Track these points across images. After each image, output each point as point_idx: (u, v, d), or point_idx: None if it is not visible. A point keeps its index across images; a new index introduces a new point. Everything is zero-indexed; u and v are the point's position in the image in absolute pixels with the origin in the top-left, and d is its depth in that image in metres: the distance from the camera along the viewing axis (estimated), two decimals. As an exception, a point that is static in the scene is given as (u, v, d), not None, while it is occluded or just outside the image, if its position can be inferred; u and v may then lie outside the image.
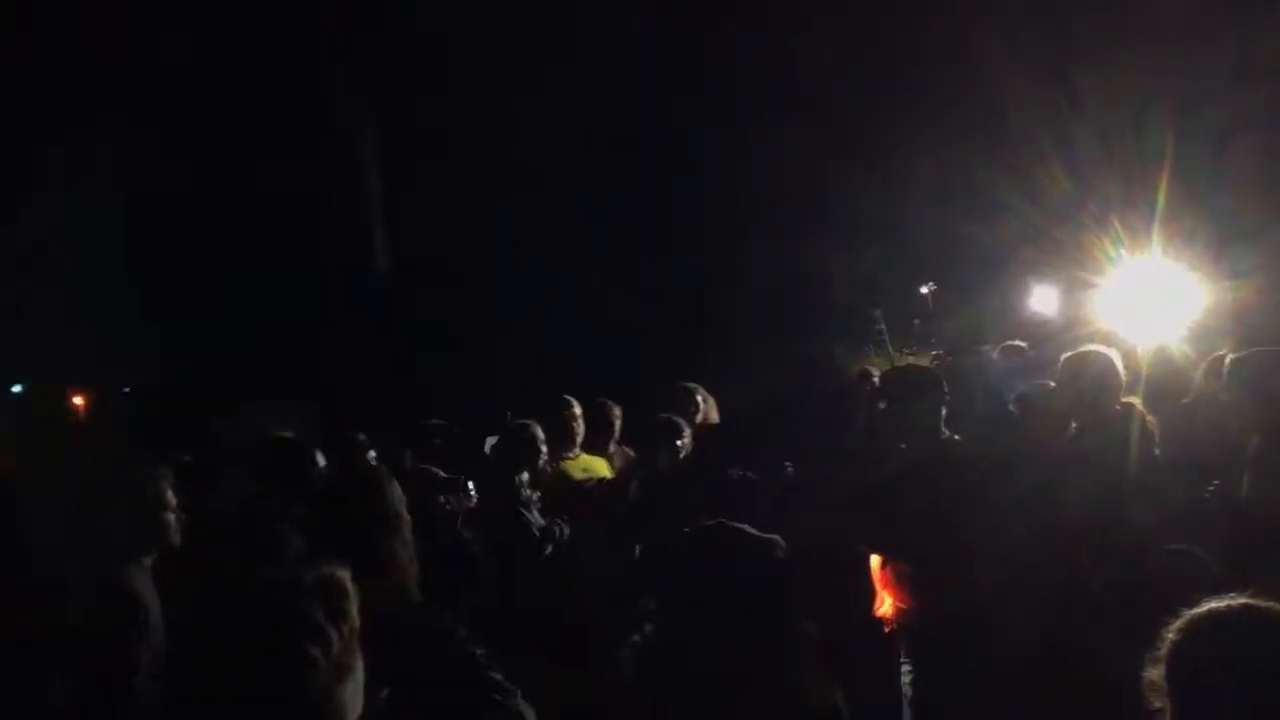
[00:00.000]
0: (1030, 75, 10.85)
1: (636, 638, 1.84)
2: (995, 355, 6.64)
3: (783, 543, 1.85)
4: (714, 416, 5.63)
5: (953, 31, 11.57)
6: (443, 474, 4.67)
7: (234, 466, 4.80)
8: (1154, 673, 1.56)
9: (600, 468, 5.22)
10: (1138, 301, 6.01)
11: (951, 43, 11.63)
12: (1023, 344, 6.77)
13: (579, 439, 5.22)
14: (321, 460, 4.44)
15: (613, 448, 5.51)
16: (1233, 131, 8.25)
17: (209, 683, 1.15)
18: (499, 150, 12.20)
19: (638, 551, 4.18)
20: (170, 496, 3.25)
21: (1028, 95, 10.79)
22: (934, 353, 9.61)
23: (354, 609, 1.23)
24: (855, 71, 12.50)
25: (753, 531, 1.85)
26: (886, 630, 3.93)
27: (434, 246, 12.06)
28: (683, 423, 5.09)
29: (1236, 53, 8.78)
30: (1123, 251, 7.08)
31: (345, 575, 1.26)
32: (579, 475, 5.12)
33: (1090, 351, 3.83)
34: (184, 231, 12.36)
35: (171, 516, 3.22)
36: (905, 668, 3.85)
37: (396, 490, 2.66)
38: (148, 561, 3.18)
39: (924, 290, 15.73)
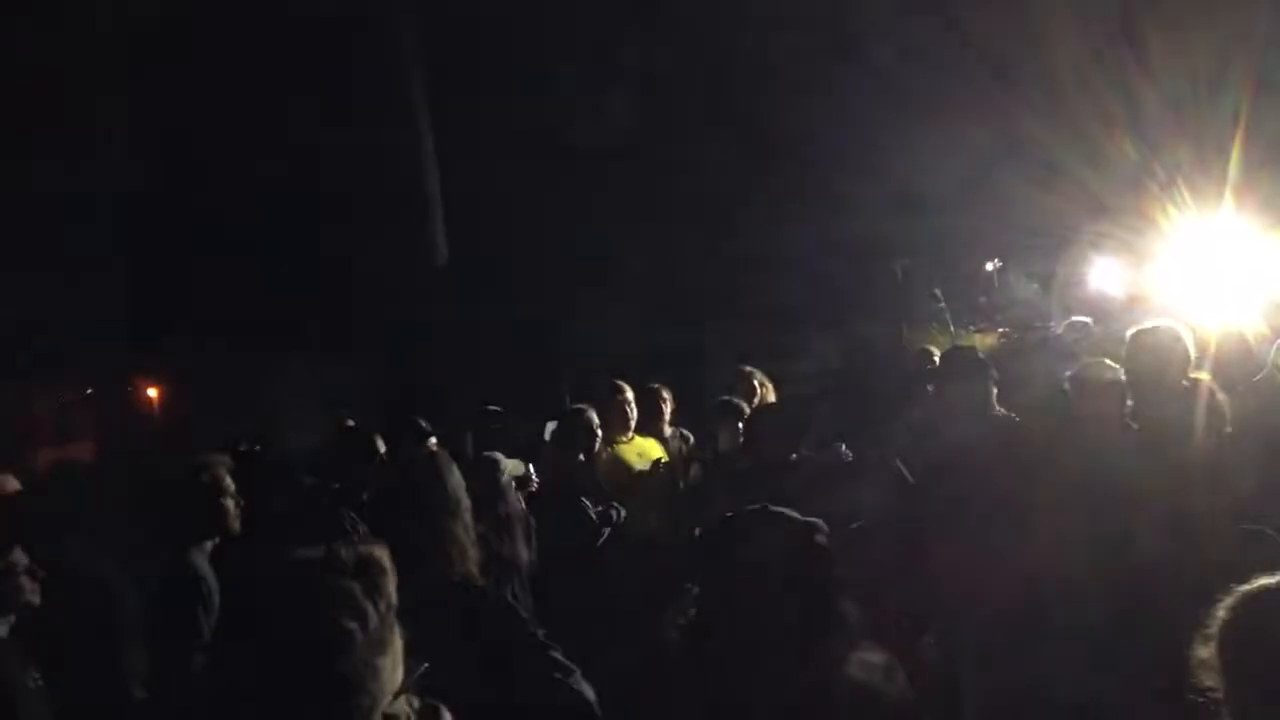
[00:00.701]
0: (1095, 37, 10.49)
1: (681, 621, 1.87)
2: (1059, 332, 6.52)
3: (825, 526, 1.87)
4: (772, 399, 5.65)
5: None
6: (504, 459, 4.77)
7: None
8: (1205, 650, 1.54)
9: (654, 450, 5.28)
10: (1206, 276, 5.84)
11: (1014, 5, 11.28)
12: (1087, 320, 6.63)
13: (632, 423, 5.29)
14: (382, 447, 4.57)
15: (668, 431, 5.56)
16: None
17: (250, 656, 1.22)
18: (547, 136, 12.24)
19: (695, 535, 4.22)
20: (229, 483, 3.38)
21: (1092, 58, 10.43)
22: (1000, 330, 9.44)
23: (391, 586, 1.29)
24: (916, 36, 12.19)
25: (795, 515, 1.87)
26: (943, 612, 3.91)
27: (490, 235, 12.18)
28: (743, 404, 5.13)
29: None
30: (1191, 222, 6.86)
31: (384, 553, 1.31)
32: (634, 459, 5.19)
33: (1156, 327, 3.75)
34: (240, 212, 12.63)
35: (231, 503, 3.35)
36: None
37: (457, 476, 2.74)
38: (209, 545, 3.31)
39: (989, 267, 15.44)
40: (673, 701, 1.83)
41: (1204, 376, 3.66)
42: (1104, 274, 10.93)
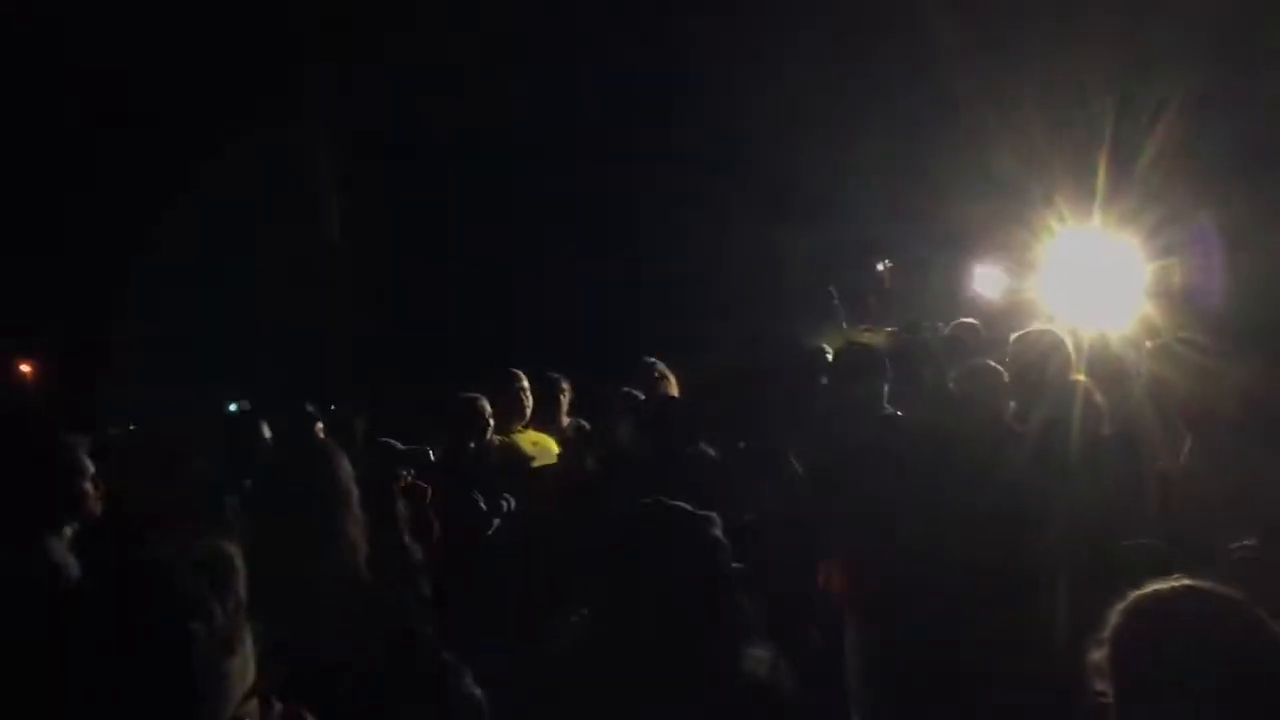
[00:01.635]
0: (978, 53, 10.96)
1: (575, 618, 1.84)
2: (946, 333, 6.74)
3: (718, 519, 1.86)
4: (673, 392, 5.66)
5: (902, 10, 11.64)
6: (400, 446, 4.65)
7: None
8: (1097, 655, 1.55)
9: (549, 444, 5.23)
10: (1080, 282, 6.13)
11: (900, 22, 11.70)
12: (974, 322, 6.88)
13: (528, 412, 5.22)
14: (268, 433, 4.39)
15: (565, 421, 5.52)
16: (1168, 111, 8.41)
17: (89, 653, 1.14)
18: (463, 128, 12.02)
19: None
20: (87, 465, 3.18)
21: (976, 73, 10.90)
22: (889, 329, 9.72)
23: (241, 584, 1.22)
24: (807, 52, 12.52)
25: (688, 509, 1.85)
26: (836, 604, 3.98)
27: (390, 217, 11.87)
28: (642, 396, 5.12)
29: (1174, 32, 8.95)
30: (1066, 231, 7.21)
31: (234, 549, 1.25)
32: (528, 449, 5.12)
33: (1039, 330, 3.92)
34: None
35: (88, 486, 3.15)
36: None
37: (345, 465, 2.63)
38: (68, 532, 3.11)
39: (880, 267, 15.87)
40: (566, 702, 1.80)
41: (1082, 378, 3.84)
42: (986, 279, 11.39)
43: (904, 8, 11.52)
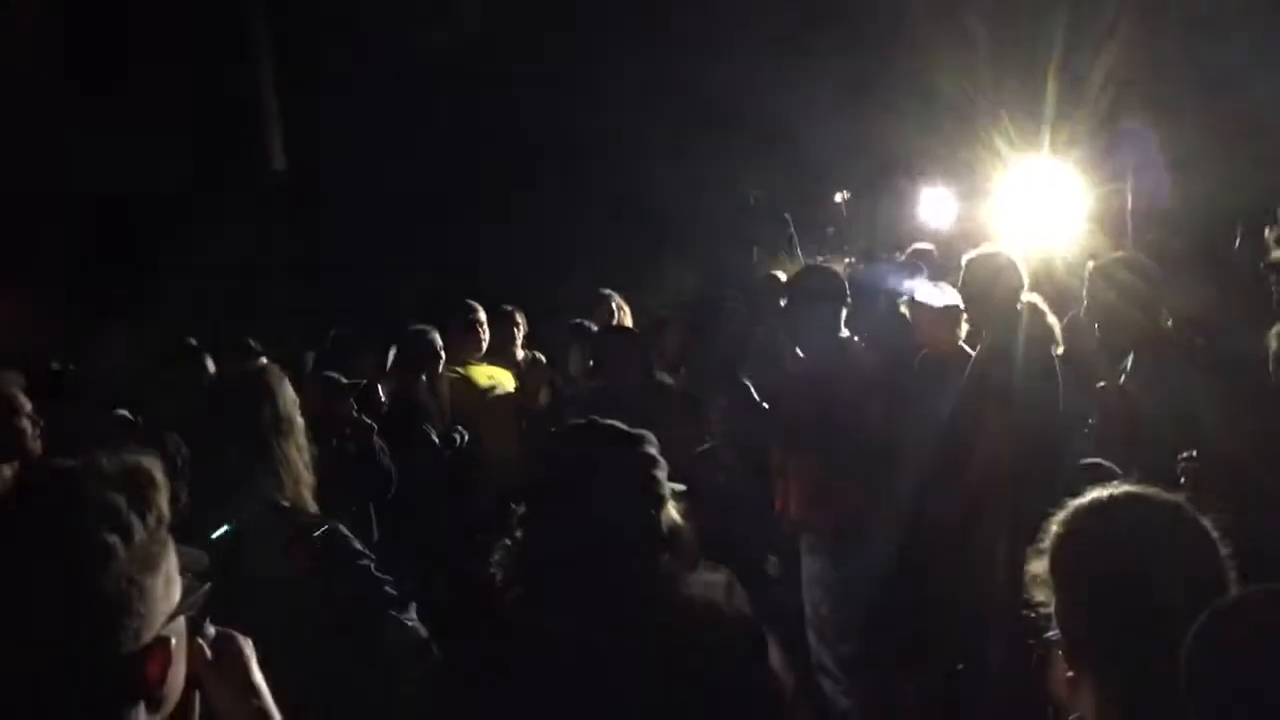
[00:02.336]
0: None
1: (508, 541, 1.80)
2: (902, 259, 6.76)
3: (653, 437, 1.83)
4: (628, 323, 5.64)
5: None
6: (344, 380, 4.58)
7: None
8: (1037, 565, 1.54)
9: (504, 376, 5.19)
10: (1028, 207, 6.15)
11: None
12: (930, 247, 6.91)
13: (484, 345, 5.17)
14: (212, 366, 4.30)
15: (521, 354, 5.48)
16: (1116, 33, 8.40)
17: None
18: (405, 53, 11.64)
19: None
20: (24, 402, 3.10)
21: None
22: (846, 259, 9.74)
23: (163, 499, 1.18)
24: None
25: (621, 425, 1.83)
26: (790, 529, 4.04)
27: (337, 148, 11.53)
28: (595, 327, 5.09)
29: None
30: (1014, 158, 7.23)
31: (154, 464, 1.20)
32: (484, 381, 5.09)
33: (989, 253, 3.92)
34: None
35: (26, 423, 3.08)
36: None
37: (289, 393, 2.57)
38: (7, 472, 3.04)
39: (837, 198, 15.83)
40: (508, 631, 1.78)
41: (1035, 299, 3.87)
42: (935, 205, 11.43)
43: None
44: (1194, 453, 2.70)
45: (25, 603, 1.07)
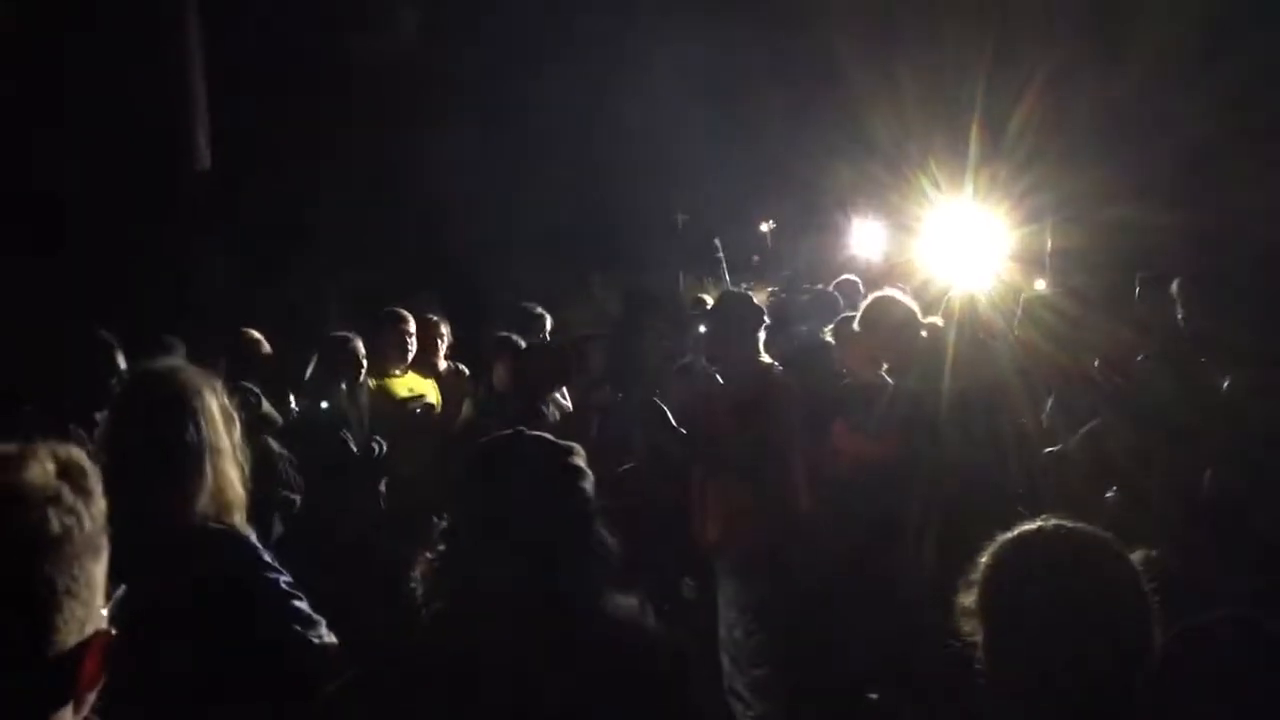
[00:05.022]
0: (861, 21, 11.23)
1: (429, 555, 1.72)
2: (830, 290, 6.86)
3: (580, 449, 1.78)
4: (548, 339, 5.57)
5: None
6: (256, 389, 4.40)
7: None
8: (967, 598, 1.55)
9: (425, 388, 5.07)
10: (953, 245, 6.31)
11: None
12: (855, 279, 7.04)
13: (410, 355, 5.03)
14: (123, 362, 4.07)
15: (444, 365, 5.36)
16: (1035, 83, 8.77)
17: None
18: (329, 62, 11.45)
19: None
20: (120, 359, 2.96)
21: (858, 40, 11.16)
22: (770, 289, 9.88)
23: (99, 488, 1.10)
24: (692, 18, 12.57)
25: (550, 438, 1.77)
26: (705, 552, 4.00)
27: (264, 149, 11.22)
28: (520, 341, 5.01)
29: (1041, 7, 9.34)
30: (939, 196, 7.44)
31: (83, 455, 1.12)
32: (403, 392, 4.95)
33: (888, 298, 4.01)
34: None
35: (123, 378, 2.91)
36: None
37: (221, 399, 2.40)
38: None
39: (764, 228, 16.09)
40: (431, 646, 1.69)
41: (937, 321, 3.95)
42: (862, 240, 11.70)
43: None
44: (1114, 489, 2.75)
45: None
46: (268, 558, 2.28)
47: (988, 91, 8.78)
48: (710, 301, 5.56)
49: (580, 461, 1.73)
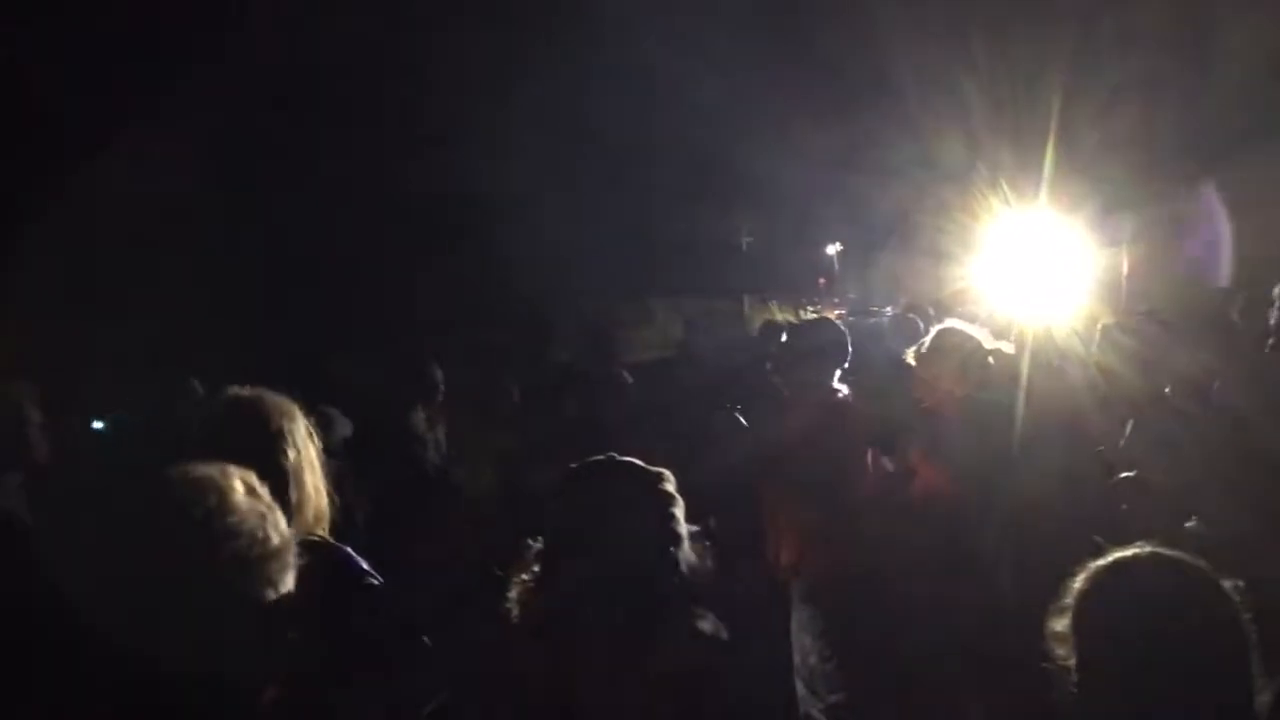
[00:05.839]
0: (926, 44, 11.13)
1: (525, 577, 1.77)
2: (897, 314, 6.80)
3: (670, 475, 1.81)
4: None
5: (851, 7, 11.77)
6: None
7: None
8: (1059, 623, 1.55)
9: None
10: (1025, 270, 6.20)
11: (844, 9, 11.87)
12: (929, 309, 6.96)
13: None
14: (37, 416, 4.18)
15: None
16: (1115, 100, 8.57)
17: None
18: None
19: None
20: (33, 413, 3.06)
21: (923, 64, 11.07)
22: (837, 312, 9.83)
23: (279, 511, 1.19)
24: (752, 43, 12.67)
25: (641, 464, 1.81)
26: (781, 581, 4.00)
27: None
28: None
29: (1122, 20, 9.12)
30: (1013, 220, 7.31)
31: (251, 473, 1.21)
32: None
33: (951, 329, 3.95)
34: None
35: (36, 431, 3.04)
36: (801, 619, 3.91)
37: (304, 423, 2.51)
38: (16, 479, 2.99)
39: (830, 250, 16.03)
40: (531, 671, 1.74)
41: (1004, 348, 3.89)
42: (935, 266, 11.55)
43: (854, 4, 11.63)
44: (1194, 519, 2.69)
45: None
46: (364, 564, 2.37)
47: (1063, 107, 8.60)
48: (782, 322, 5.55)
49: (670, 487, 1.79)
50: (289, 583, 1.15)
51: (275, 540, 1.13)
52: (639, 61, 13.09)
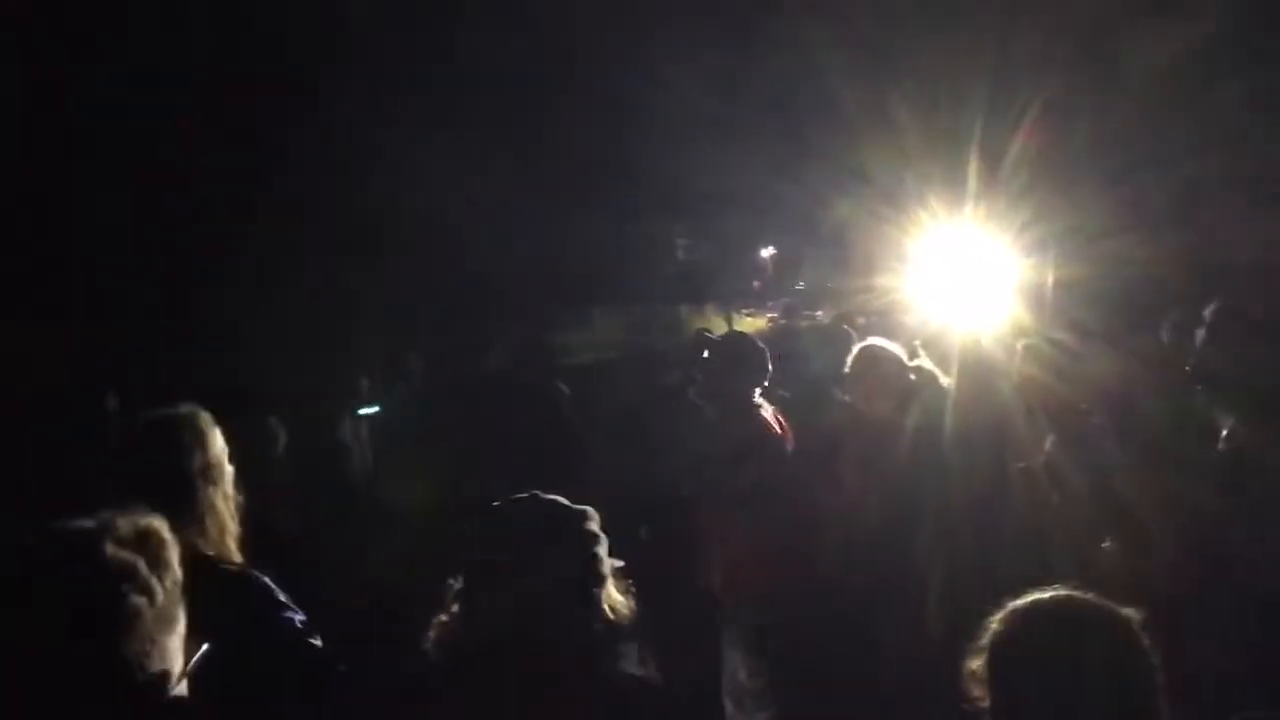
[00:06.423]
0: (860, 61, 11.38)
1: (443, 617, 1.74)
2: (827, 321, 6.86)
3: (594, 513, 1.80)
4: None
5: (786, 20, 11.98)
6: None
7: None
8: (975, 663, 1.56)
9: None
10: (953, 281, 6.29)
11: (784, 31, 12.09)
12: (857, 316, 7.04)
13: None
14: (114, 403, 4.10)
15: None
16: (1031, 114, 8.82)
17: (24, 635, 1.02)
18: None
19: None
20: None
21: (857, 80, 11.30)
22: (769, 315, 9.92)
23: (175, 559, 1.13)
24: (696, 60, 12.83)
25: (564, 502, 1.80)
26: (710, 607, 3.99)
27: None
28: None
29: (1039, 36, 9.41)
30: (938, 231, 7.43)
31: (163, 525, 1.15)
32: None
33: (872, 347, 4.01)
34: None
35: None
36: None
37: (219, 439, 2.44)
38: None
39: (764, 254, 16.18)
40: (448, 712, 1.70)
41: (924, 364, 3.96)
42: (867, 275, 11.72)
43: (788, 19, 11.85)
44: (1109, 540, 2.74)
45: (52, 667, 1.00)
46: (281, 595, 2.31)
47: (985, 123, 8.82)
48: (713, 334, 5.56)
49: (594, 526, 1.76)
50: (161, 646, 1.10)
51: (147, 597, 1.08)
52: (578, 76, 13.20)
